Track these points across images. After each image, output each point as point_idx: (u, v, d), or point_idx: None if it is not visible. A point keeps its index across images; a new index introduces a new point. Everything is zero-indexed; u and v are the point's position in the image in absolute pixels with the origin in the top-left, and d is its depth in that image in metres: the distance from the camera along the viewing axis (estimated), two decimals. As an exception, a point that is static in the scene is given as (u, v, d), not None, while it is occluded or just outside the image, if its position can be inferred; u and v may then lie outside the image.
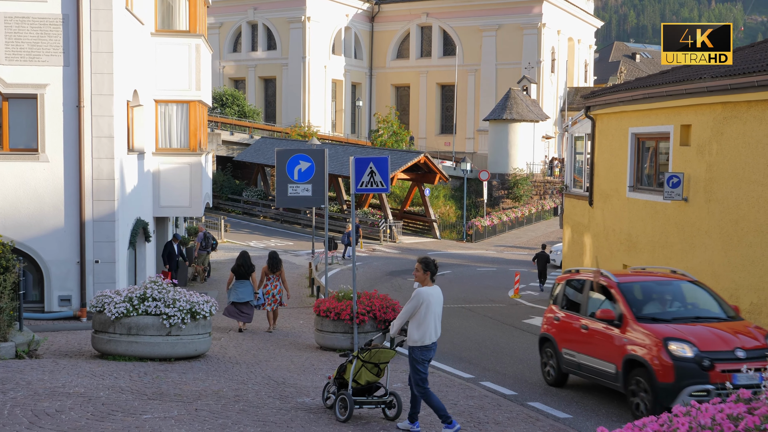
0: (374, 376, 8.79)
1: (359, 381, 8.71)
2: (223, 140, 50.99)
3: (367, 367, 8.72)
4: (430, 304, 8.37)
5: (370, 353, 8.79)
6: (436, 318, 8.49)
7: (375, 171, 13.41)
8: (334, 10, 64.33)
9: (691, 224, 17.87)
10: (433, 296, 8.44)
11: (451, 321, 19.31)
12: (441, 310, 8.60)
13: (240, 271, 16.27)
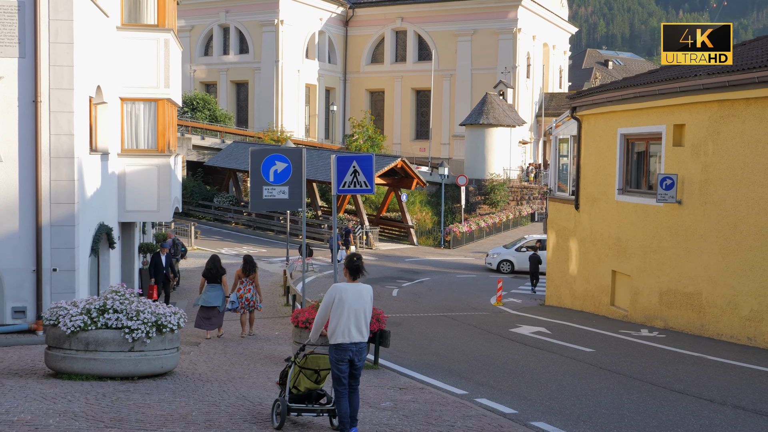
0: (313, 383, 8.30)
1: (299, 387, 8.26)
2: (194, 145, 49.77)
3: (305, 374, 8.27)
4: (343, 300, 7.85)
5: (306, 359, 8.33)
6: (357, 316, 7.91)
7: (359, 170, 12.45)
8: (307, 14, 63.31)
9: (685, 228, 17.10)
10: (350, 292, 7.90)
11: (435, 330, 18.36)
12: (366, 308, 7.99)
13: (210, 275, 16.03)
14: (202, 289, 16.15)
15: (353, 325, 7.90)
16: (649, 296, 18.50)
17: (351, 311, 7.89)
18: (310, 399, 8.33)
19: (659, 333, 17.16)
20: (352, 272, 7.99)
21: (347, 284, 8.01)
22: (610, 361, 13.83)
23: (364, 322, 7.98)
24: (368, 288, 8.09)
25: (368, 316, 8.06)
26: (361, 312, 7.95)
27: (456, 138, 62.48)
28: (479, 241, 43.79)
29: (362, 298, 7.97)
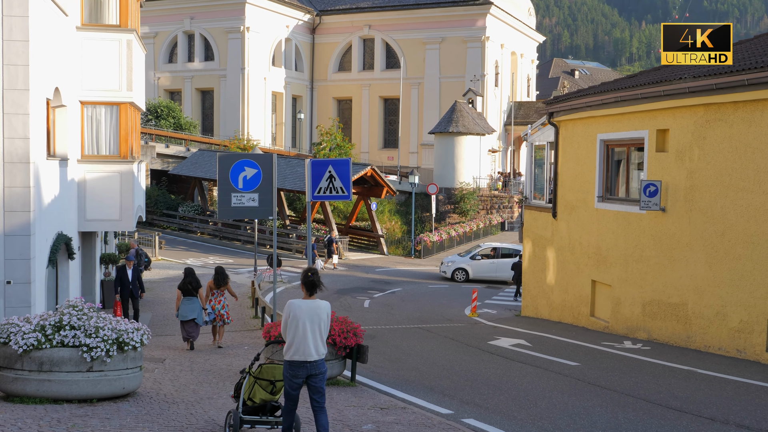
0: (269, 394, 8.17)
1: (254, 399, 8.15)
2: (158, 153, 48.60)
3: (260, 384, 8.16)
4: (298, 317, 7.78)
5: (261, 369, 8.22)
6: (314, 334, 7.81)
7: (335, 175, 11.71)
8: (274, 21, 62.45)
9: (669, 236, 16.59)
10: (304, 309, 7.82)
11: (412, 343, 17.64)
12: (322, 326, 7.88)
13: (187, 288, 15.94)
14: (178, 303, 16.02)
15: (310, 342, 7.77)
16: (631, 307, 17.97)
17: (306, 329, 7.77)
18: (264, 411, 8.15)
19: (643, 345, 16.62)
20: (308, 288, 7.89)
21: (302, 301, 7.90)
22: (597, 375, 13.22)
23: (320, 339, 7.87)
24: (325, 305, 7.97)
25: (324, 333, 7.91)
26: (317, 330, 7.83)
27: (424, 147, 61.98)
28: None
29: (318, 316, 7.85)
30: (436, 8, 61.92)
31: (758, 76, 13.70)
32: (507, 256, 34.20)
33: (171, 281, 28.41)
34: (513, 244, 36.37)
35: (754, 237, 14.37)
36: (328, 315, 7.98)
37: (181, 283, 16.13)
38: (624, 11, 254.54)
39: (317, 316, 7.86)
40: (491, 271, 34.31)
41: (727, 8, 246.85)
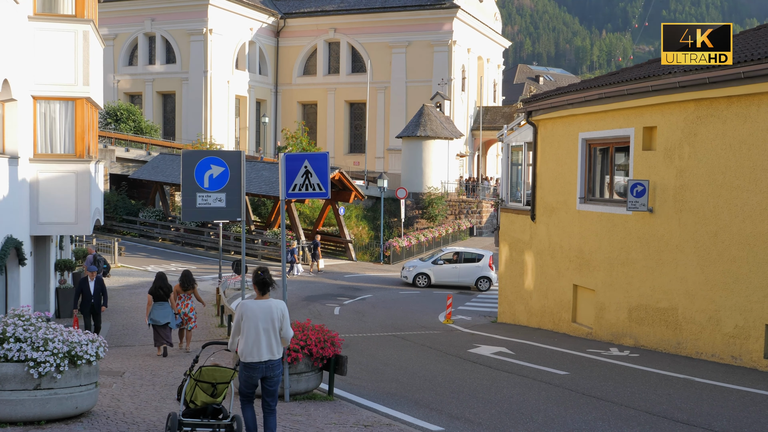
0: (210, 397, 7.98)
1: (195, 402, 7.99)
2: (118, 157, 47.12)
3: (201, 387, 7.97)
4: (250, 319, 7.74)
5: (201, 371, 8.01)
6: (267, 334, 7.79)
7: (311, 171, 10.74)
8: (237, 23, 61.24)
9: (658, 238, 15.87)
10: (256, 310, 7.78)
11: (388, 353, 16.71)
12: (275, 325, 7.83)
13: (159, 294, 15.68)
14: (149, 308, 15.72)
15: (263, 343, 7.74)
16: (616, 312, 17.23)
17: (259, 330, 7.73)
18: (206, 414, 7.99)
19: (631, 352, 15.87)
20: (260, 287, 7.86)
21: (254, 301, 7.84)
22: (591, 385, 12.40)
23: (274, 339, 7.83)
24: (278, 304, 7.90)
25: (278, 333, 7.86)
26: (270, 330, 7.79)
27: (391, 152, 61.16)
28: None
29: (270, 316, 7.78)
30: (403, 12, 61.21)
31: (755, 68, 13.02)
32: (470, 260, 33.49)
33: (131, 289, 27.16)
34: (476, 249, 35.59)
35: (750, 238, 13.68)
36: (282, 314, 7.87)
37: (152, 288, 15.79)
38: (585, 20, 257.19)
39: (270, 317, 7.78)
40: (454, 276, 33.48)
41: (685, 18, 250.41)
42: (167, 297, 15.79)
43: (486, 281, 33.14)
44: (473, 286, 33.27)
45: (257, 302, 7.85)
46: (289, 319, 10.80)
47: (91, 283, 16.69)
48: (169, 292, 15.84)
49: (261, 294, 7.88)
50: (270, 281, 7.89)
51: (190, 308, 16.38)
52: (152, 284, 15.94)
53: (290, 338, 8.23)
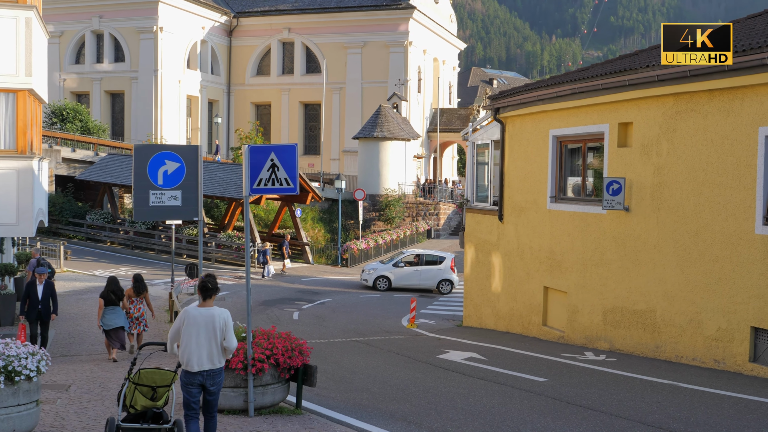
0: (150, 401, 7.79)
1: (135, 406, 7.80)
2: (64, 158, 45.46)
3: (141, 391, 7.80)
4: (191, 326, 7.62)
5: (140, 375, 7.86)
6: (209, 343, 7.67)
7: (278, 165, 9.84)
8: (189, 22, 59.79)
9: (634, 237, 15.28)
10: (198, 317, 7.65)
11: (354, 359, 15.85)
12: (216, 335, 7.70)
13: (110, 298, 15.28)
14: (101, 312, 15.27)
15: (204, 352, 7.63)
16: (590, 315, 16.62)
17: (201, 338, 7.62)
18: (146, 418, 7.77)
19: (607, 356, 15.25)
20: (203, 293, 7.77)
21: (197, 309, 7.72)
22: (573, 393, 11.70)
23: (216, 349, 7.71)
24: (221, 312, 7.76)
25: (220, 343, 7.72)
26: (212, 339, 7.67)
27: (346, 153, 60.32)
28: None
29: (212, 324, 7.67)
30: (358, 12, 60.42)
31: (741, 60, 12.49)
32: (431, 263, 32.79)
33: (78, 294, 25.86)
34: (438, 251, 34.93)
35: (733, 237, 13.14)
36: (225, 323, 7.75)
37: (103, 292, 15.37)
38: (535, 25, 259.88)
39: (212, 324, 7.66)
40: (415, 279, 32.73)
41: (633, 24, 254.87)
42: (119, 301, 15.47)
43: (448, 284, 32.46)
44: (435, 289, 32.57)
45: (199, 310, 7.70)
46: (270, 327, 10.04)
47: (40, 287, 15.14)
48: (121, 296, 15.52)
49: (204, 300, 7.75)
50: (214, 287, 7.76)
51: (141, 312, 16.14)
52: (104, 288, 15.51)
53: (233, 349, 7.91)
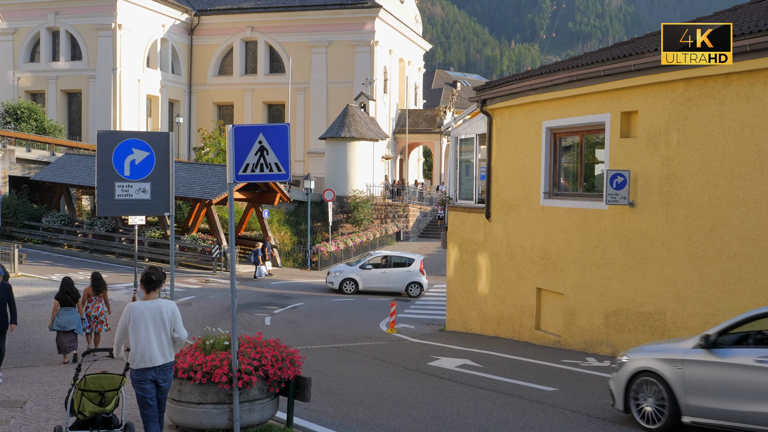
0: (98, 406, 7.64)
1: (84, 412, 7.65)
2: (18, 158, 43.45)
3: (88, 396, 7.64)
4: (138, 321, 7.46)
5: (86, 380, 7.70)
6: (159, 337, 7.52)
7: (267, 148, 8.57)
8: (149, 19, 57.96)
9: (640, 234, 14.25)
10: (144, 311, 7.49)
11: (338, 368, 14.58)
12: (165, 326, 7.57)
13: (65, 299, 15.04)
14: (54, 313, 15.01)
15: (154, 346, 7.47)
16: (590, 318, 15.56)
17: (149, 332, 7.46)
18: (95, 424, 7.63)
19: (611, 361, 14.17)
20: (146, 285, 7.59)
21: (142, 303, 7.55)
22: (591, 404, 10.60)
23: (166, 342, 7.57)
24: (167, 303, 7.60)
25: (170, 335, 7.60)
26: (162, 331, 7.52)
27: (311, 155, 58.99)
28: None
29: (160, 316, 7.52)
30: (323, 10, 59.14)
31: (762, 40, 11.52)
32: (399, 265, 31.61)
33: (33, 300, 24.21)
34: (407, 253, 33.75)
35: (755, 232, 12.16)
36: (173, 314, 7.60)
37: (58, 293, 15.12)
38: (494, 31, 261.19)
39: (159, 317, 7.50)
40: (383, 282, 31.49)
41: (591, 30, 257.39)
42: (74, 302, 15.21)
43: (417, 287, 31.28)
44: (404, 292, 31.33)
45: (144, 303, 7.51)
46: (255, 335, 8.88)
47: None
48: (76, 297, 15.23)
49: (148, 293, 7.58)
50: (158, 279, 7.59)
51: (100, 311, 15.80)
52: (59, 289, 15.21)
53: (184, 339, 7.76)
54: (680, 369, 8.71)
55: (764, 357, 7.95)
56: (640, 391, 9.16)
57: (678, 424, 8.70)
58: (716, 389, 8.33)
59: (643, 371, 9.14)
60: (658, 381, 8.91)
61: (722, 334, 8.58)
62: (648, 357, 9.24)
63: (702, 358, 8.53)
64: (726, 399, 8.23)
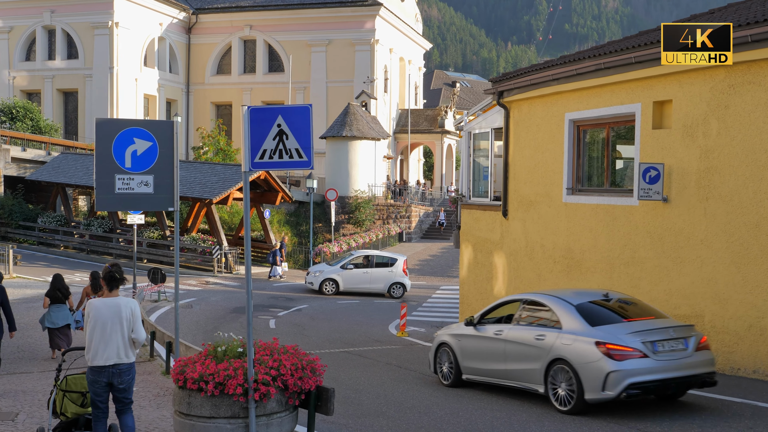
0: (80, 407, 7.65)
1: (66, 413, 7.64)
2: (13, 157, 42.50)
3: (70, 398, 7.64)
4: (97, 319, 7.31)
5: (67, 381, 7.71)
6: (115, 336, 7.35)
7: (287, 132, 7.68)
8: (146, 17, 57.02)
9: (675, 232, 13.35)
10: (102, 309, 7.38)
11: (352, 374, 13.68)
12: (122, 326, 7.40)
13: (56, 296, 14.89)
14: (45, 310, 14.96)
15: (111, 345, 7.33)
16: (618, 320, 14.64)
17: (106, 330, 7.34)
18: (78, 425, 7.64)
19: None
20: (108, 283, 7.52)
21: (101, 300, 7.46)
22: (635, 416, 9.68)
23: (123, 341, 7.41)
24: (128, 302, 7.48)
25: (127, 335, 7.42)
26: (119, 330, 7.37)
27: (311, 154, 57.96)
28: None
29: (119, 315, 7.39)
30: (322, 8, 58.25)
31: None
32: (382, 265, 30.65)
33: (28, 303, 23.31)
34: (389, 252, 32.62)
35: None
36: (132, 313, 7.46)
37: (49, 290, 14.96)
38: (491, 32, 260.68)
39: (118, 316, 7.39)
40: (364, 282, 30.42)
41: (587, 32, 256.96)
42: (65, 299, 15.04)
43: (399, 287, 30.27)
44: (386, 293, 30.27)
45: (104, 301, 7.41)
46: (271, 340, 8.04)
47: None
48: (67, 294, 15.09)
49: (109, 291, 7.47)
50: (121, 278, 7.52)
51: None
52: (49, 286, 15.10)
53: (143, 341, 7.60)
54: (459, 341, 12.24)
55: (499, 331, 11.33)
56: (441, 358, 12.67)
57: (460, 380, 12.19)
58: (476, 354, 11.81)
59: (442, 343, 12.69)
60: (449, 350, 12.42)
61: (482, 317, 11.98)
62: (445, 333, 12.83)
63: (470, 333, 12.01)
64: (481, 360, 11.71)
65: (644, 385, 9.42)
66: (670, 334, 9.82)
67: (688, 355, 9.76)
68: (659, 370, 9.50)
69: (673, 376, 9.58)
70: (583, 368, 9.65)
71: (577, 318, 10.14)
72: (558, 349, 10.04)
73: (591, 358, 9.58)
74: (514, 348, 10.88)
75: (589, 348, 9.65)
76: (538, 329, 10.63)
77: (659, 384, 9.54)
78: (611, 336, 9.66)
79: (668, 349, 9.70)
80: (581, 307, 10.36)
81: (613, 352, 9.45)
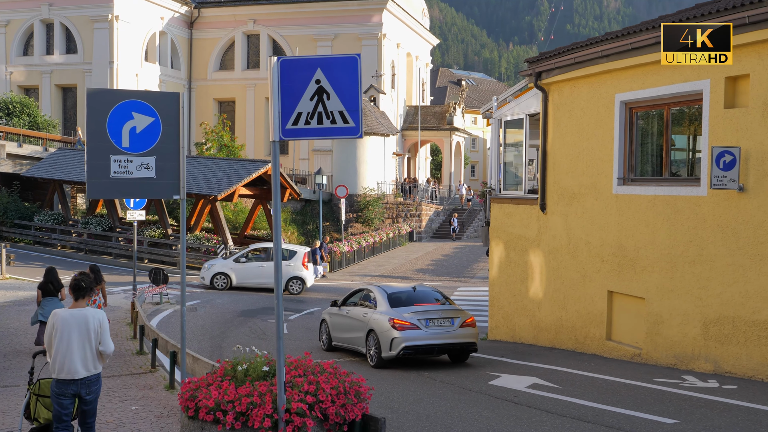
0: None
1: (39, 419, 7.32)
2: (9, 153, 40.78)
3: (43, 402, 7.30)
4: (61, 330, 6.97)
5: (40, 385, 7.36)
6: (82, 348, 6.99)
7: (328, 90, 5.98)
8: (147, 11, 55.29)
9: (754, 225, 11.63)
10: (69, 320, 7.01)
11: (382, 387, 11.95)
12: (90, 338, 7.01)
13: (48, 288, 14.72)
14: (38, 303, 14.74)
15: (76, 357, 6.98)
16: (682, 327, 12.94)
17: (72, 342, 6.98)
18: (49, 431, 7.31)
19: (720, 382, 11.59)
20: (74, 292, 7.21)
21: (67, 311, 7.12)
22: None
23: (90, 354, 7.06)
24: (95, 313, 7.13)
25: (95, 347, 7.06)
26: (86, 343, 7.04)
27: (317, 152, 56.32)
28: (361, 263, 37.65)
29: (86, 326, 7.04)
30: (328, 2, 56.52)
31: None
32: None
33: (20, 305, 21.54)
34: (289, 245, 30.30)
35: None
36: (99, 325, 7.12)
37: (41, 283, 14.79)
38: (492, 33, 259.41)
39: (85, 327, 7.04)
40: (259, 277, 28.19)
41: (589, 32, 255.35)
42: (57, 292, 14.87)
43: (299, 282, 28.09)
44: (284, 289, 28.42)
45: (71, 311, 7.10)
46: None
47: None
48: (59, 287, 14.91)
49: (75, 301, 7.23)
50: (88, 287, 7.21)
51: (98, 305, 14.89)
52: (42, 278, 14.93)
53: (110, 353, 7.22)
54: (331, 318, 16.49)
55: (348, 310, 15.74)
56: (322, 330, 16.97)
57: (331, 346, 16.45)
58: (338, 327, 16.17)
59: (323, 320, 16.98)
60: (327, 324, 16.67)
61: (344, 301, 16.30)
62: (326, 312, 16.92)
63: (335, 312, 16.35)
64: (340, 331, 16.09)
65: (415, 347, 13.95)
66: (440, 314, 14.28)
67: (453, 330, 14.19)
68: (427, 338, 14.00)
69: (437, 342, 14.10)
70: (381, 335, 14.19)
71: (386, 302, 14.65)
72: (371, 323, 14.56)
73: (385, 328, 14.12)
74: (352, 322, 15.39)
75: (385, 322, 14.16)
76: (365, 309, 15.12)
77: (426, 347, 14.09)
78: (398, 314, 14.18)
79: (437, 325, 14.15)
80: (391, 296, 14.84)
81: (397, 325, 13.98)
